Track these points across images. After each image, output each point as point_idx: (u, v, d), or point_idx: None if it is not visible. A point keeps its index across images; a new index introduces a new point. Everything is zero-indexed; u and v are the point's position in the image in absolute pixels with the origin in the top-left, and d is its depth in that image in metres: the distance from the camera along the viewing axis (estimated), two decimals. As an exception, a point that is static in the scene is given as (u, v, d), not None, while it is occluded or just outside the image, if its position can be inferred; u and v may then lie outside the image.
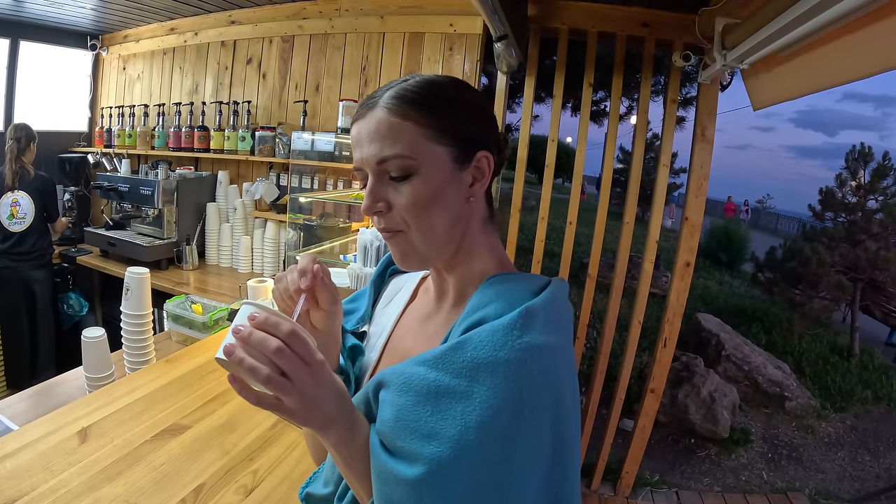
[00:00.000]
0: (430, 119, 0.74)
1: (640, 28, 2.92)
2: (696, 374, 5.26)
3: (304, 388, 0.62)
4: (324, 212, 3.62)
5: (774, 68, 2.13)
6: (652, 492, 3.78)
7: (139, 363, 2.12)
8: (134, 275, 2.08)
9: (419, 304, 0.94)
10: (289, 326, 0.62)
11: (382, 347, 0.92)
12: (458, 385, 0.64)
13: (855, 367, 7.15)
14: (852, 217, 8.00)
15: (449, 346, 0.68)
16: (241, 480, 1.33)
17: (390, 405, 0.68)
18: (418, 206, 0.74)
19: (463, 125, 0.77)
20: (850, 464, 5.01)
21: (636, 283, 3.28)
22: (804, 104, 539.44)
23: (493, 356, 0.64)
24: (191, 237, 4.12)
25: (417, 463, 0.61)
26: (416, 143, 0.73)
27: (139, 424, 1.50)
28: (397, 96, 0.75)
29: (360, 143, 0.77)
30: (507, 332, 0.66)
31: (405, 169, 0.74)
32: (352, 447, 0.69)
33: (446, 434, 0.62)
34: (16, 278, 3.76)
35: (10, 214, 3.67)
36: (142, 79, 4.93)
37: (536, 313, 0.69)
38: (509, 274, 0.81)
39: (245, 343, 0.61)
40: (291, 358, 0.61)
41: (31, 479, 1.22)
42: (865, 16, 1.42)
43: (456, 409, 0.63)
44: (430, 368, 0.67)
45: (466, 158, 0.77)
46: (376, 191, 0.76)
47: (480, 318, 0.72)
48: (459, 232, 0.80)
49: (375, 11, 3.68)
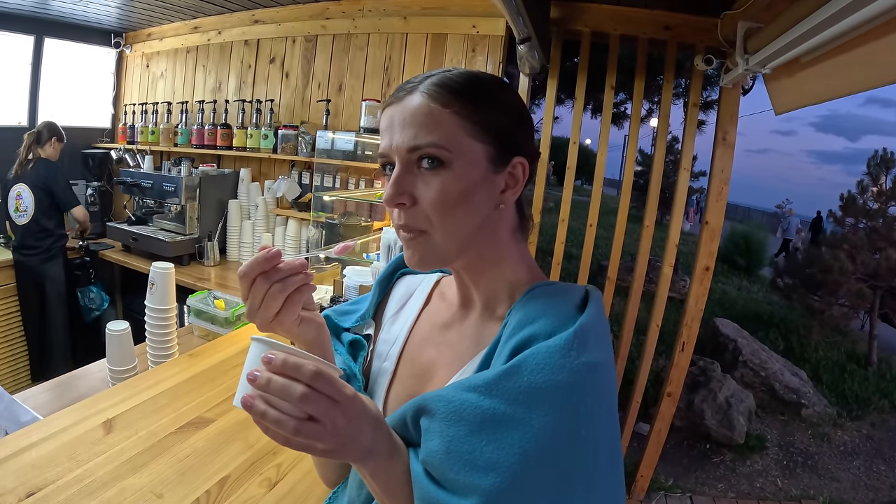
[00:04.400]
0: (472, 112, 0.70)
1: (662, 31, 2.92)
2: (713, 379, 5.23)
3: (337, 428, 0.57)
4: (346, 210, 3.65)
5: (797, 73, 2.12)
6: (666, 496, 3.77)
7: (162, 357, 2.15)
8: (159, 269, 2.11)
9: (436, 309, 0.90)
10: (312, 367, 0.56)
11: (398, 356, 0.87)
12: (516, 413, 0.61)
13: (872, 375, 7.06)
14: (874, 223, 7.91)
15: (502, 371, 0.64)
16: (265, 473, 1.34)
17: (439, 435, 0.64)
18: (446, 202, 0.70)
19: (503, 125, 0.73)
20: (865, 473, 4.95)
21: (655, 287, 3.27)
22: (826, 108, 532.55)
23: (551, 380, 0.62)
24: (212, 233, 4.17)
25: (473, 495, 0.59)
26: (454, 134, 0.69)
27: (163, 417, 1.52)
28: (440, 84, 0.71)
29: (391, 129, 0.72)
30: (565, 353, 0.63)
31: (438, 160, 0.69)
32: (391, 476, 0.66)
33: (504, 464, 0.59)
34: (29, 272, 3.81)
35: (16, 207, 3.74)
36: (165, 76, 4.99)
37: (589, 331, 0.66)
38: (548, 285, 0.77)
39: (264, 392, 0.56)
40: (319, 400, 0.56)
41: (57, 468, 1.24)
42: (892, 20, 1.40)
43: (514, 438, 0.60)
44: (482, 395, 0.63)
45: (502, 161, 0.73)
46: (402, 181, 0.71)
47: (529, 337, 0.68)
48: (483, 238, 0.75)
49: (398, 12, 3.69)
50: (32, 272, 3.81)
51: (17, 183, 3.74)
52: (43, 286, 3.85)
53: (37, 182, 3.73)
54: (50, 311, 3.91)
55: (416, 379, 0.83)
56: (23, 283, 3.88)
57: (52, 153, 3.84)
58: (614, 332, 5.74)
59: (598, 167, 3.21)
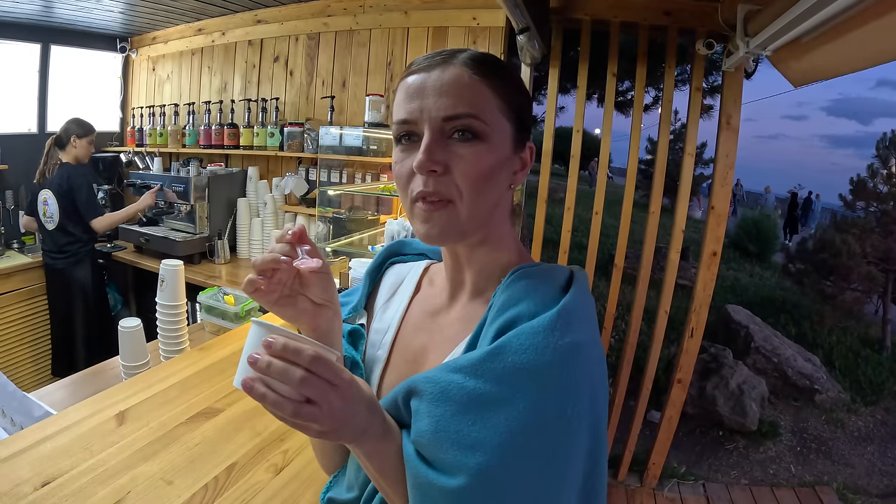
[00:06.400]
0: (504, 90, 0.71)
1: (662, 17, 2.91)
2: (725, 365, 5.22)
3: (334, 411, 0.58)
4: (352, 205, 3.67)
5: (800, 54, 2.11)
6: (679, 484, 3.77)
7: (174, 352, 2.18)
8: (168, 267, 2.14)
9: (425, 296, 0.91)
10: (311, 352, 0.57)
11: (391, 344, 0.88)
12: (501, 392, 0.62)
13: (886, 360, 7.03)
14: (884, 207, 7.85)
15: (486, 352, 0.65)
16: (271, 460, 1.37)
17: (427, 416, 0.65)
18: (480, 175, 0.70)
19: (524, 107, 0.75)
20: (879, 458, 4.94)
21: (663, 274, 3.27)
22: (836, 92, 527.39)
23: (535, 360, 0.63)
24: (222, 232, 4.21)
25: (460, 474, 0.60)
26: (491, 109, 0.70)
27: (174, 408, 1.55)
28: (477, 59, 0.71)
29: (421, 94, 0.70)
30: (548, 333, 0.64)
31: (474, 132, 0.69)
32: (385, 456, 0.67)
33: (490, 443, 0.60)
34: (57, 274, 3.82)
35: (43, 213, 3.71)
36: (171, 79, 5.03)
37: (573, 311, 0.67)
38: (532, 267, 0.77)
39: (264, 374, 0.57)
40: (317, 384, 0.57)
41: (71, 458, 1.26)
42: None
43: (499, 417, 0.61)
44: (468, 376, 0.64)
45: (520, 143, 0.75)
46: (434, 149, 0.69)
47: (513, 318, 0.69)
48: (496, 217, 0.77)
49: (399, 7, 3.71)
50: (61, 275, 3.81)
51: (43, 189, 3.69)
52: (71, 289, 3.85)
53: (61, 189, 3.64)
54: (77, 313, 3.90)
55: (409, 365, 0.84)
56: (51, 285, 3.90)
57: (79, 154, 3.71)
58: (624, 320, 5.75)
59: (602, 155, 3.21)
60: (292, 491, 1.28)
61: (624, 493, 3.49)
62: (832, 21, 1.69)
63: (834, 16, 1.61)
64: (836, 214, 9.77)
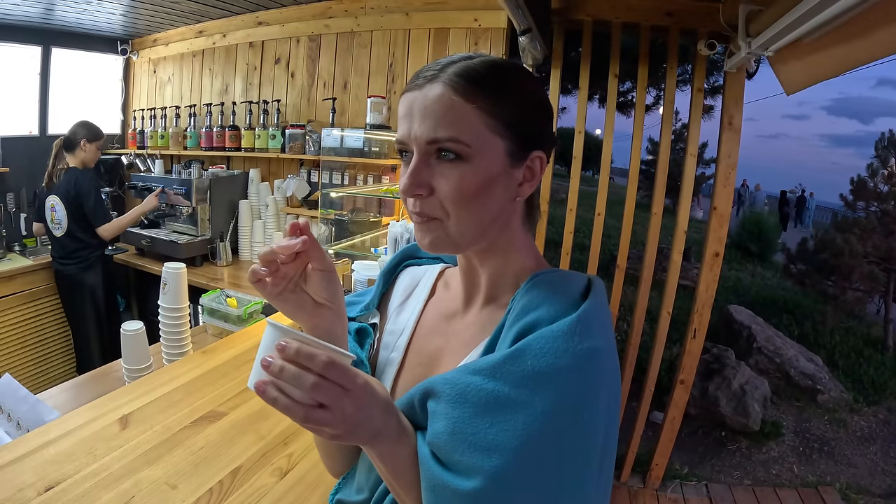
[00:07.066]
0: (493, 107, 0.69)
1: (663, 17, 2.91)
2: (727, 366, 5.21)
3: (346, 416, 0.58)
4: (354, 207, 3.68)
5: (801, 54, 2.11)
6: (682, 484, 3.76)
7: (176, 355, 2.17)
8: (171, 269, 2.14)
9: (440, 299, 0.91)
10: (325, 357, 0.57)
11: (406, 346, 0.88)
12: (519, 395, 0.62)
13: (889, 359, 7.01)
14: (885, 206, 7.84)
15: (506, 355, 0.65)
16: (276, 463, 1.37)
17: (444, 417, 0.65)
18: (463, 196, 0.70)
19: (525, 119, 0.73)
20: (882, 458, 4.92)
21: (666, 275, 3.26)
22: (837, 92, 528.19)
23: (554, 364, 0.63)
24: (224, 234, 4.19)
25: (476, 476, 0.60)
26: (475, 129, 0.69)
27: (178, 412, 1.54)
28: (463, 74, 0.69)
29: (410, 116, 0.71)
30: (567, 338, 0.64)
31: (458, 154, 0.69)
32: (399, 458, 0.67)
33: (507, 446, 0.60)
34: (66, 280, 3.78)
35: (51, 219, 3.65)
36: (172, 81, 5.03)
37: (592, 317, 0.67)
38: (550, 272, 0.77)
39: (277, 379, 0.57)
40: (330, 389, 0.57)
41: (74, 462, 1.26)
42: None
43: (517, 420, 0.61)
44: (486, 378, 0.64)
45: (521, 156, 0.73)
46: (419, 172, 0.70)
47: (533, 322, 0.69)
48: (497, 228, 0.76)
49: (400, 9, 3.71)
50: (71, 280, 3.76)
51: (50, 195, 3.62)
52: (81, 294, 3.79)
53: (68, 195, 3.55)
54: (91, 317, 3.85)
55: (424, 367, 0.84)
56: (61, 289, 3.87)
57: (87, 158, 3.62)
58: (626, 321, 5.74)
59: (605, 156, 3.20)
60: (297, 494, 1.28)
61: (627, 494, 3.49)
62: (834, 21, 1.69)
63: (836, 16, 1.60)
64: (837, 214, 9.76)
